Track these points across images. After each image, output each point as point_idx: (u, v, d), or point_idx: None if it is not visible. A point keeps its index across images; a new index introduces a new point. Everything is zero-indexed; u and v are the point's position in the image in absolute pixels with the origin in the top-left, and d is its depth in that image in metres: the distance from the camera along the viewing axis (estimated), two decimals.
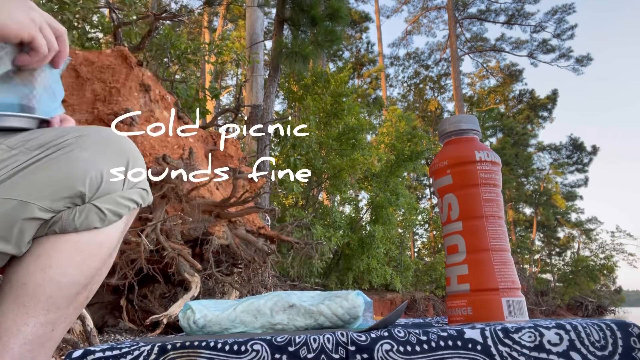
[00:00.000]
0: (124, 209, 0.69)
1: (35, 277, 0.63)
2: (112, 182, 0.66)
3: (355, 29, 23.04)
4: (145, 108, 3.40)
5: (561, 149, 23.86)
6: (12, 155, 0.63)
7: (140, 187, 0.72)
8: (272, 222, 6.07)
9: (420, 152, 9.79)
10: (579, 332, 0.50)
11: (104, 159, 0.66)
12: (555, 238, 24.60)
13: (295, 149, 7.84)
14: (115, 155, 0.68)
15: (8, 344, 0.60)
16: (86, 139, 0.66)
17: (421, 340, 0.49)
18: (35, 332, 0.62)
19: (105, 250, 0.69)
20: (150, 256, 2.90)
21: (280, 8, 6.94)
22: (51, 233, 0.64)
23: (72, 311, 0.67)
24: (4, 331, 0.61)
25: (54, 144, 0.65)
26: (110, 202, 0.67)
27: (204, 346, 0.49)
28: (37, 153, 0.64)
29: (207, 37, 14.47)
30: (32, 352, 0.62)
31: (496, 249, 0.66)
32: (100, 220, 0.66)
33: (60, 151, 0.64)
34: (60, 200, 0.63)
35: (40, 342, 0.63)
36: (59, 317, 0.65)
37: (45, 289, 0.62)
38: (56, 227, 0.64)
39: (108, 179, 0.66)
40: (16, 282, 0.63)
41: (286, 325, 0.65)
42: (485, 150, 0.69)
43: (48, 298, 0.63)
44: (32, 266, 0.63)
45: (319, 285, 7.53)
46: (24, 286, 0.63)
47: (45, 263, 0.63)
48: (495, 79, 24.44)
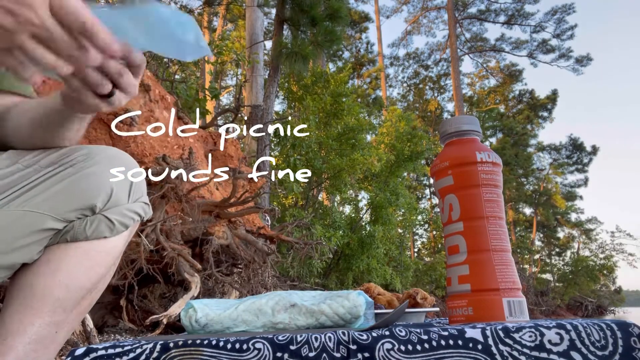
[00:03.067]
0: (130, 221, 0.74)
1: (44, 280, 0.67)
2: (119, 195, 0.72)
3: (355, 29, 23.03)
4: (145, 108, 3.40)
5: (561, 149, 23.86)
6: (27, 172, 0.69)
7: (143, 201, 0.78)
8: (272, 222, 6.07)
9: (420, 152, 9.78)
10: (580, 332, 0.50)
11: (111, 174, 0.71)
12: (555, 238, 24.61)
13: (295, 149, 7.83)
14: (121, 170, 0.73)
15: (13, 344, 0.62)
16: (94, 156, 0.72)
17: (422, 340, 0.49)
18: (40, 333, 0.65)
19: (111, 259, 0.74)
20: (150, 256, 2.90)
21: (280, 8, 6.94)
22: (62, 241, 0.69)
23: (75, 316, 0.70)
24: (10, 331, 0.63)
25: (65, 162, 0.70)
26: (118, 213, 0.72)
27: (205, 344, 0.49)
28: (49, 170, 0.69)
29: (207, 37, 14.46)
30: (36, 352, 0.64)
31: (497, 249, 0.66)
32: (110, 230, 0.71)
33: (71, 168, 0.69)
34: (73, 212, 0.68)
35: (44, 343, 0.65)
36: (64, 320, 0.68)
37: (54, 291, 0.66)
38: (68, 235, 0.69)
39: (116, 192, 0.71)
40: (25, 285, 0.67)
41: (288, 325, 0.66)
42: (486, 151, 0.69)
43: (55, 300, 0.66)
44: (42, 270, 0.67)
45: (319, 285, 7.53)
46: (32, 288, 0.66)
47: (55, 267, 0.68)
48: (495, 79, 24.45)
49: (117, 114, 3.12)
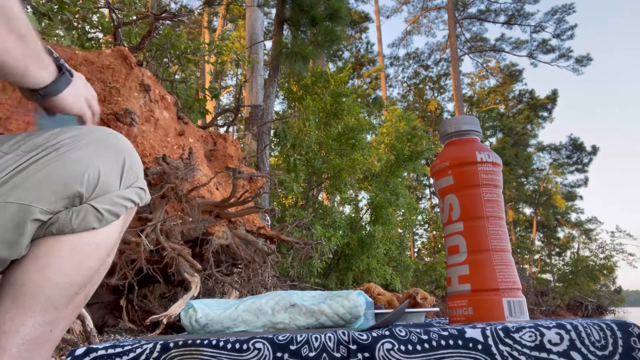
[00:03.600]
0: (121, 209, 0.69)
1: (34, 278, 0.63)
2: (108, 181, 0.66)
3: (355, 29, 23.04)
4: (145, 108, 3.40)
5: (561, 149, 23.86)
6: (7, 159, 0.63)
7: (138, 186, 0.72)
8: (272, 222, 6.07)
9: (420, 152, 9.78)
10: (580, 332, 0.50)
11: (100, 158, 0.66)
12: (555, 238, 24.60)
13: (295, 149, 7.83)
14: (111, 154, 0.68)
15: (6, 345, 0.60)
16: (81, 138, 0.66)
17: (422, 340, 0.49)
18: (34, 333, 0.62)
19: (103, 251, 0.69)
20: (150, 256, 2.90)
21: (280, 8, 6.94)
22: (49, 234, 0.64)
23: (71, 312, 0.67)
24: (2, 332, 0.61)
25: (49, 144, 0.64)
26: (107, 202, 0.66)
27: (206, 344, 0.49)
28: (32, 155, 0.63)
29: (207, 37, 14.46)
30: (31, 352, 0.62)
31: (497, 249, 0.66)
32: (98, 220, 0.66)
33: (55, 152, 0.64)
34: (59, 202, 0.63)
35: (38, 342, 0.63)
36: (57, 317, 0.65)
37: (44, 290, 0.63)
38: (53, 228, 0.64)
39: (105, 178, 0.66)
40: (15, 283, 0.63)
41: (288, 325, 0.66)
42: (486, 151, 0.69)
43: (47, 299, 0.63)
44: (31, 267, 0.63)
45: (319, 285, 7.53)
46: (22, 287, 0.63)
47: (43, 264, 0.64)
48: (495, 79, 24.44)
49: (117, 114, 3.12)
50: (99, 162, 0.65)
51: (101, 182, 0.65)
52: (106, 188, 0.66)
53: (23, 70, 0.62)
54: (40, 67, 0.65)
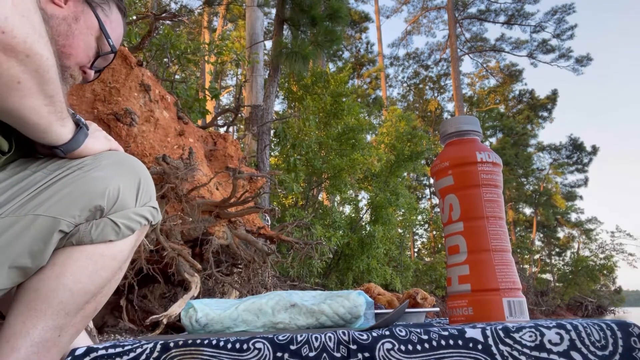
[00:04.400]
0: (136, 224, 0.74)
1: (48, 284, 0.67)
2: (126, 198, 0.72)
3: (355, 29, 23.04)
4: (145, 108, 3.40)
5: (561, 149, 23.87)
6: (35, 177, 0.69)
7: (151, 205, 0.77)
8: (272, 222, 6.07)
9: (420, 152, 9.79)
10: (580, 332, 0.50)
11: (119, 177, 0.72)
12: (555, 238, 24.61)
13: (295, 149, 7.84)
14: (129, 174, 0.74)
15: (15, 346, 0.63)
16: (102, 159, 0.73)
17: (422, 340, 0.49)
18: (43, 336, 0.65)
19: (116, 263, 0.73)
20: (150, 256, 2.90)
21: (280, 8, 6.94)
22: (68, 245, 0.69)
23: (80, 320, 0.70)
24: (13, 334, 0.64)
25: (73, 165, 0.71)
26: (124, 217, 0.72)
27: (206, 344, 0.49)
28: (58, 173, 0.70)
29: (207, 37, 14.46)
30: (38, 354, 0.65)
31: (497, 249, 0.66)
32: (115, 233, 0.71)
33: (79, 170, 0.70)
34: (82, 214, 0.68)
35: (46, 346, 0.66)
36: (67, 324, 0.68)
37: (58, 295, 0.66)
38: (73, 239, 0.69)
39: (123, 195, 0.72)
40: (29, 288, 0.67)
41: (288, 325, 0.66)
42: (486, 152, 0.69)
43: (59, 303, 0.66)
44: (47, 273, 0.67)
45: (319, 285, 7.53)
46: (36, 291, 0.66)
47: (59, 271, 0.68)
48: (495, 79, 24.45)
49: (117, 114, 3.12)
50: (119, 180, 0.71)
51: (120, 198, 0.71)
52: (124, 204, 0.72)
53: (45, 128, 0.66)
54: (61, 125, 0.69)
